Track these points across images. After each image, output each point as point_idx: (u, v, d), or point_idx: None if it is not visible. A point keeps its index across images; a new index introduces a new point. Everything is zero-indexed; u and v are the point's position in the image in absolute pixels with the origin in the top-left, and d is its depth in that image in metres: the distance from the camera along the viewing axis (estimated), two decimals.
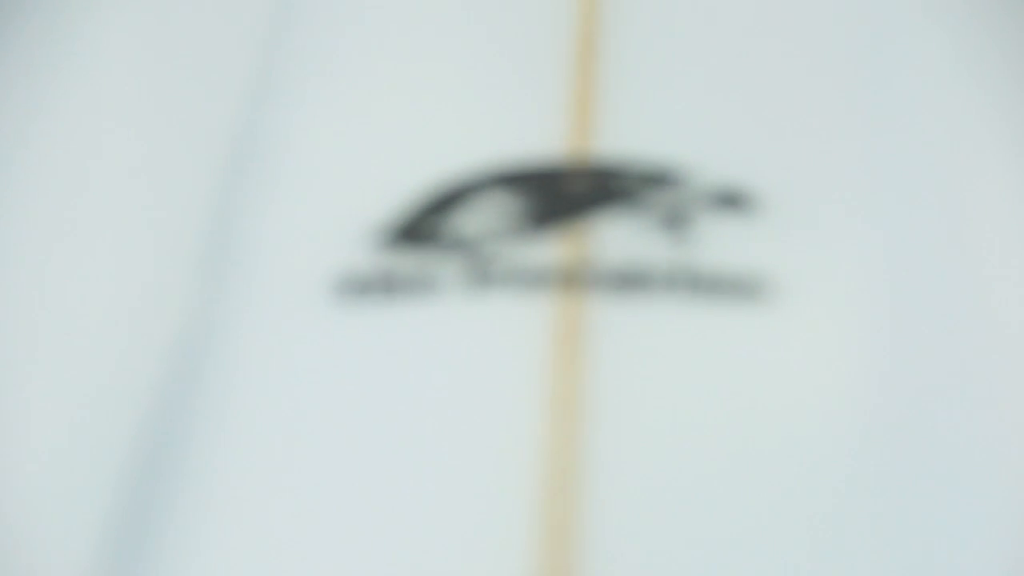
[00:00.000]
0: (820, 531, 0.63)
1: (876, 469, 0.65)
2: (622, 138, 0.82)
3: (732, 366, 0.68)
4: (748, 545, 0.61)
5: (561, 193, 0.76)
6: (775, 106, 0.86)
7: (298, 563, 0.62)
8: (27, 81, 0.95)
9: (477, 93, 0.87)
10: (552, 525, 0.61)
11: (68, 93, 0.91)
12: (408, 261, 0.72)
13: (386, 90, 0.89)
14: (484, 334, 0.69)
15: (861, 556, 0.62)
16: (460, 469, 0.63)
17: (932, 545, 0.63)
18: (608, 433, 0.64)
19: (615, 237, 0.73)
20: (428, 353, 0.68)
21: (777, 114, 0.85)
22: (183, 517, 0.64)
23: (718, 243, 0.73)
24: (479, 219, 0.74)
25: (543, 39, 0.91)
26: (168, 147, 0.89)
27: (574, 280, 0.70)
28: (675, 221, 0.74)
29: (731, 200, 0.75)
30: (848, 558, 0.62)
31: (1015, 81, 0.89)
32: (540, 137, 0.81)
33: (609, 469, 0.63)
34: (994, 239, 0.78)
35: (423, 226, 0.74)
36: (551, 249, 0.72)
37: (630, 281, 0.70)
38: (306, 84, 0.89)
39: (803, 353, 0.70)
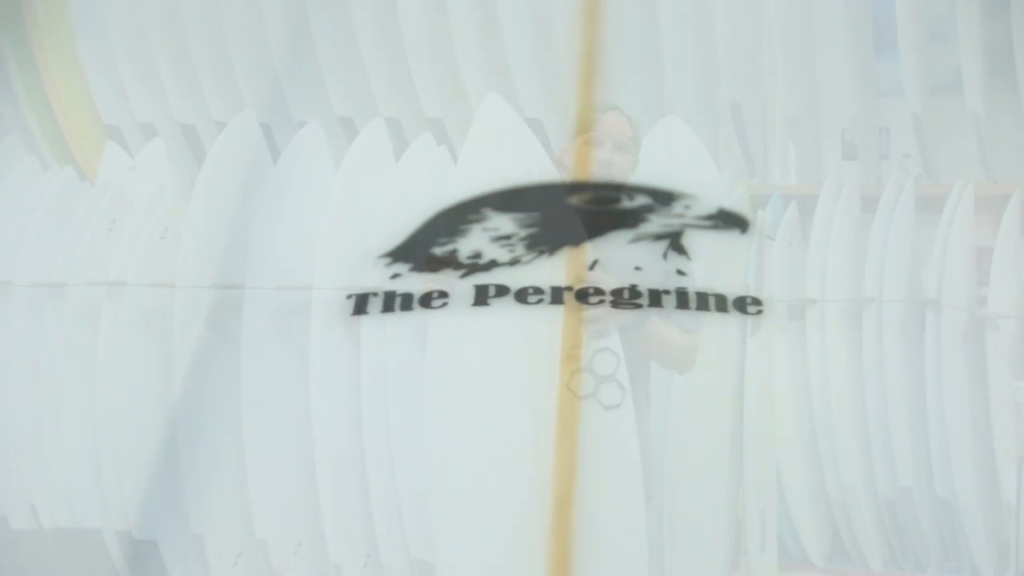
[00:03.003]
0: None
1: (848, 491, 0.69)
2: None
3: (730, 378, 0.72)
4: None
5: (565, 214, 0.80)
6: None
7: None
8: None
9: (483, 124, 0.91)
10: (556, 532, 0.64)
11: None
12: (418, 279, 0.76)
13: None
14: (490, 347, 0.73)
15: None
16: (476, 472, 0.67)
17: None
18: (602, 445, 0.68)
19: (616, 256, 0.77)
20: (435, 364, 0.72)
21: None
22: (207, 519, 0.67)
23: (714, 262, 0.77)
24: (485, 239, 0.78)
25: (550, 67, 0.95)
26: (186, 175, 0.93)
27: (576, 296, 0.74)
28: (673, 241, 0.78)
29: (727, 222, 0.79)
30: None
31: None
32: (546, 161, 0.85)
33: (602, 479, 0.67)
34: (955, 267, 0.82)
35: (432, 246, 0.78)
36: (556, 268, 0.76)
37: (630, 298, 0.74)
38: (320, 111, 0.93)
39: (796, 367, 0.74)
